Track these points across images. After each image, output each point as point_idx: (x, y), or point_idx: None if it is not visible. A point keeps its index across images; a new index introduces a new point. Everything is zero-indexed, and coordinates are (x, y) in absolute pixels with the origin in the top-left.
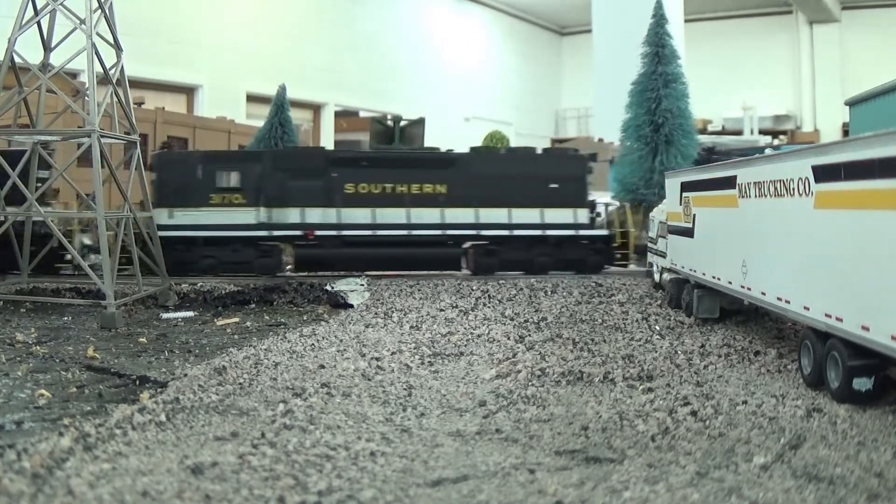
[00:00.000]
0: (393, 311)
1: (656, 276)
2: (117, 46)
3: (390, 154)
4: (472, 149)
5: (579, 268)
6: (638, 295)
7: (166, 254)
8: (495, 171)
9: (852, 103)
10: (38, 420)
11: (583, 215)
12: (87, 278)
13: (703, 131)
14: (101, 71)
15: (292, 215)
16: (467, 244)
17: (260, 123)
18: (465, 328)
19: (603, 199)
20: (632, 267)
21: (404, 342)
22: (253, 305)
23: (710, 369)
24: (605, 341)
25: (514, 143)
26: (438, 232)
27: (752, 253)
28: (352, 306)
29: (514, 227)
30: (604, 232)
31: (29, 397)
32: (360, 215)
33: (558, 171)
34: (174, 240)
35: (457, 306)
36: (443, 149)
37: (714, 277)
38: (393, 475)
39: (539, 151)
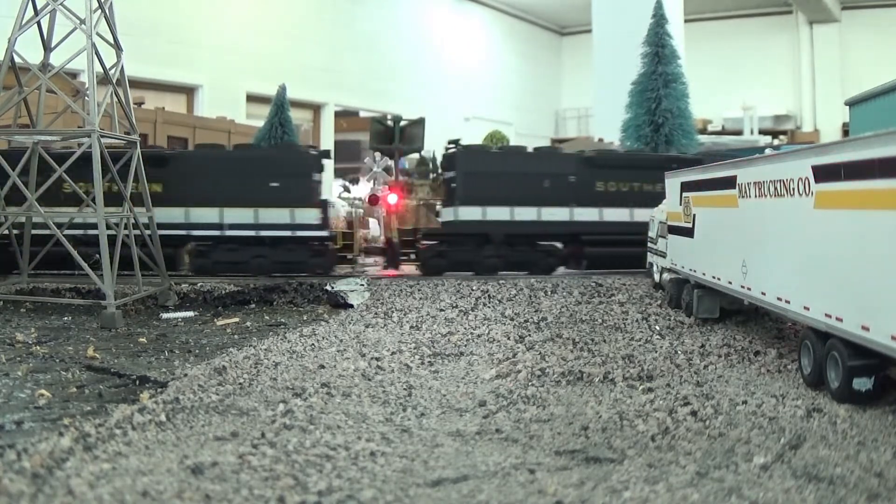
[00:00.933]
0: (393, 311)
1: (656, 276)
2: (117, 46)
3: None
4: (197, 146)
5: (303, 269)
6: (638, 295)
7: None
8: (212, 169)
9: (852, 103)
10: (38, 420)
11: (305, 215)
12: (87, 278)
13: (703, 131)
14: (101, 71)
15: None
16: (190, 245)
17: (260, 123)
18: (465, 328)
19: None
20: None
21: (404, 342)
22: (253, 305)
23: (710, 369)
24: (605, 341)
25: (514, 143)
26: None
27: (752, 253)
28: (352, 306)
29: (226, 228)
30: (322, 233)
31: (29, 397)
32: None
33: (282, 169)
34: None
35: (457, 306)
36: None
37: (714, 277)
38: (393, 475)
39: (265, 149)
